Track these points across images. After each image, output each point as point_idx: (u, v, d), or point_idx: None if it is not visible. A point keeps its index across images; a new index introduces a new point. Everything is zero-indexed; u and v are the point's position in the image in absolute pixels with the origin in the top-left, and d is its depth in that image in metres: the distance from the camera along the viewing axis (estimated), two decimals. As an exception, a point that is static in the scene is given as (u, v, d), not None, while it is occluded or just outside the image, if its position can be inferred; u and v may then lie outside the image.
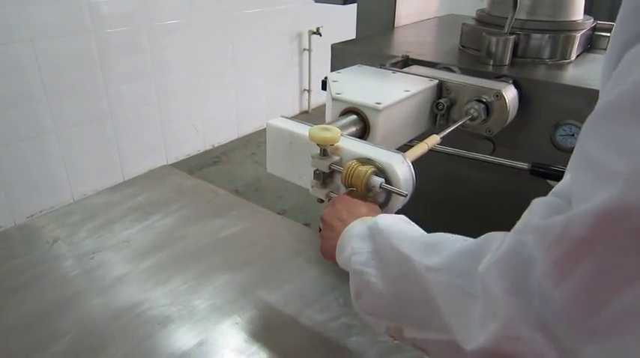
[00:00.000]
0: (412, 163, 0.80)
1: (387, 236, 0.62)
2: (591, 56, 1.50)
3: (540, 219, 0.43)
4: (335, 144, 0.81)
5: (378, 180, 0.76)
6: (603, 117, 0.41)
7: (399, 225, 0.64)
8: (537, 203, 0.47)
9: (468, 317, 0.47)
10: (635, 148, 0.36)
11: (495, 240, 0.49)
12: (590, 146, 0.41)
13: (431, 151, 0.95)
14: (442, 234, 0.59)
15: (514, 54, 1.38)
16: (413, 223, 0.68)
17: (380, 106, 0.97)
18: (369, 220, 0.68)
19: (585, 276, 0.37)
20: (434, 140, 0.95)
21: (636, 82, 0.37)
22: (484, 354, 0.44)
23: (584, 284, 0.37)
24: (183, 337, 0.95)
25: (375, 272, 0.61)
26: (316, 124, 0.84)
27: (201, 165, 3.85)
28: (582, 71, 1.36)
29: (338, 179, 0.82)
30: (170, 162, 3.75)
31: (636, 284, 0.34)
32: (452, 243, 0.55)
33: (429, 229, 0.64)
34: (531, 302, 0.40)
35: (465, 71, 1.34)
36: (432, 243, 0.57)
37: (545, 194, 0.54)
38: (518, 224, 0.46)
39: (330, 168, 0.81)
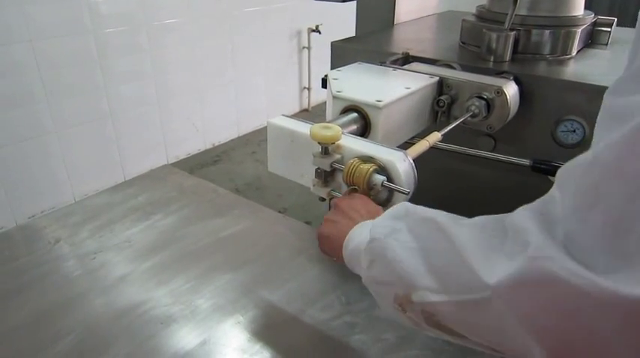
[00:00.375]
0: (414, 161, 0.80)
1: (418, 212, 0.64)
2: (592, 51, 1.49)
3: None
4: (336, 143, 0.81)
5: (380, 178, 0.75)
6: (634, 79, 0.43)
7: (426, 208, 0.65)
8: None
9: (495, 258, 0.48)
10: None
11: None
12: (616, 102, 0.43)
13: (432, 148, 0.95)
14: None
15: (515, 50, 1.38)
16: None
17: (380, 104, 0.97)
18: (394, 206, 0.68)
19: (614, 202, 0.38)
20: (435, 137, 0.95)
21: None
22: (511, 282, 0.44)
23: (614, 210, 0.39)
24: (186, 336, 0.95)
25: (397, 243, 0.61)
26: (317, 122, 0.83)
27: (202, 164, 3.85)
28: (583, 67, 1.35)
29: (339, 177, 0.82)
30: (170, 162, 3.75)
31: None
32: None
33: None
34: (560, 237, 0.43)
35: (465, 68, 1.34)
36: (459, 216, 0.60)
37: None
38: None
39: (331, 166, 0.81)
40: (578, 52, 1.44)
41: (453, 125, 1.11)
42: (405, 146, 0.88)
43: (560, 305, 0.42)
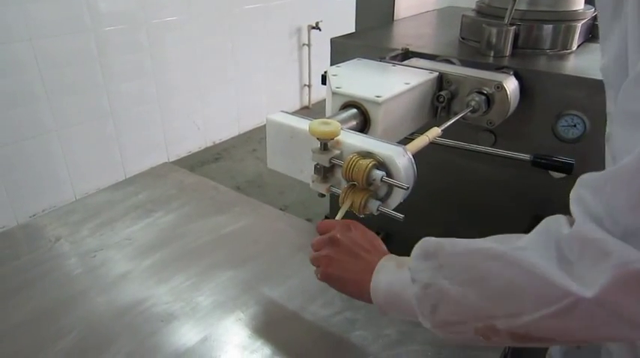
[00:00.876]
0: (413, 156, 0.80)
1: (450, 246, 0.64)
2: (593, 46, 1.49)
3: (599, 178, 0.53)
4: (335, 138, 0.80)
5: (379, 174, 0.75)
6: None
7: (455, 239, 0.65)
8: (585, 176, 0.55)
9: (576, 273, 0.52)
10: None
11: (558, 218, 0.58)
12: (635, 105, 0.48)
13: (432, 144, 0.94)
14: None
15: (515, 45, 1.37)
16: None
17: (380, 99, 0.97)
18: (418, 246, 0.69)
19: None
20: (435, 132, 0.95)
21: None
22: (610, 290, 0.49)
23: None
24: (187, 333, 0.95)
25: (449, 281, 0.62)
26: (316, 119, 0.83)
27: (203, 162, 3.85)
28: (584, 61, 1.35)
29: (339, 173, 0.82)
30: (171, 160, 3.75)
31: None
32: (515, 235, 0.60)
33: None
34: (619, 235, 0.48)
35: (465, 63, 1.34)
36: (495, 237, 0.62)
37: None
38: (576, 196, 0.55)
39: (330, 162, 0.81)
40: (578, 46, 1.43)
41: (453, 120, 1.10)
42: (404, 142, 0.87)
43: None
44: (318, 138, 0.80)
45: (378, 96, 0.97)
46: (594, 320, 0.51)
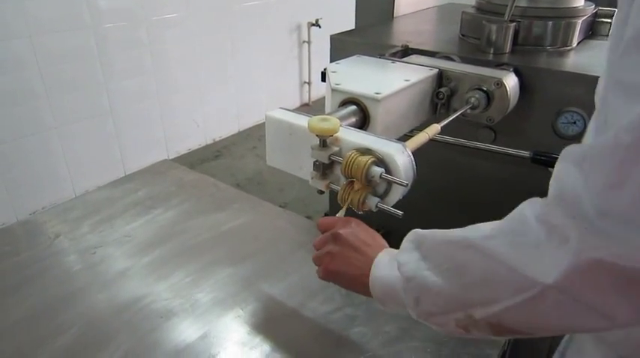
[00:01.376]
0: (412, 153, 0.80)
1: (431, 237, 0.65)
2: (593, 43, 1.48)
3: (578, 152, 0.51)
4: (334, 135, 0.80)
5: (378, 170, 0.75)
6: (636, 47, 0.46)
7: (436, 230, 0.66)
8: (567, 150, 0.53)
9: (539, 259, 0.51)
10: None
11: (533, 201, 0.55)
12: (625, 74, 0.46)
13: (431, 141, 0.94)
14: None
15: (514, 42, 1.37)
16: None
17: (379, 96, 0.97)
18: (406, 239, 0.70)
19: None
20: (434, 129, 0.95)
21: None
22: (569, 277, 0.48)
23: None
24: (187, 330, 0.95)
25: (430, 272, 0.62)
26: (316, 116, 0.83)
27: (202, 159, 3.85)
28: (584, 58, 1.34)
29: (338, 170, 0.82)
30: (171, 157, 3.75)
31: None
32: (489, 222, 0.59)
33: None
34: (594, 222, 0.46)
35: (465, 60, 1.33)
36: (472, 226, 0.60)
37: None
38: (555, 171, 0.53)
39: (329, 158, 0.81)
40: (578, 43, 1.43)
41: (453, 117, 1.10)
42: (404, 139, 0.87)
43: (618, 280, 0.46)
44: (317, 135, 0.79)
45: (377, 93, 0.97)
46: (561, 309, 0.51)
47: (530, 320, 0.55)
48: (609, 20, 1.53)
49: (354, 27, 1.85)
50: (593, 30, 1.56)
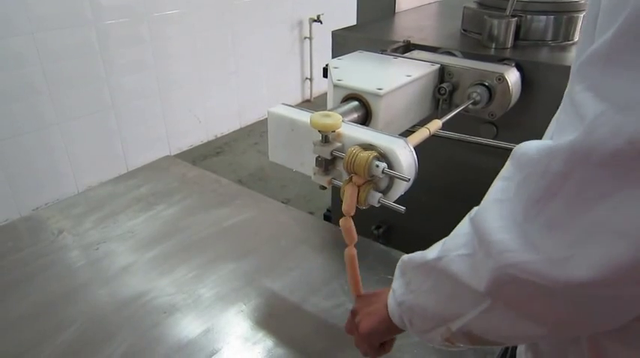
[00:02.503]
0: (414, 148, 0.80)
1: (410, 262, 0.67)
2: (594, 38, 1.48)
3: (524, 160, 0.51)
4: (336, 131, 0.80)
5: (381, 166, 0.75)
6: (588, 64, 0.45)
7: (417, 253, 0.68)
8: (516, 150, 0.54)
9: (477, 270, 0.52)
10: (606, 95, 0.42)
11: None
12: (575, 89, 0.46)
13: (433, 136, 0.94)
14: None
15: (516, 36, 1.37)
16: None
17: (381, 92, 0.97)
18: (397, 266, 0.72)
19: (564, 200, 0.44)
20: (436, 125, 0.95)
21: (614, 33, 0.42)
22: (495, 290, 0.50)
23: (564, 206, 0.44)
24: (189, 325, 0.96)
25: (413, 295, 0.66)
26: (317, 111, 0.83)
27: (204, 155, 3.85)
28: (585, 53, 1.34)
29: (340, 165, 0.82)
30: (173, 153, 3.75)
31: (603, 203, 0.41)
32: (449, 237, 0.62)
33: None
34: (520, 230, 0.47)
35: (466, 55, 1.33)
36: (439, 242, 0.63)
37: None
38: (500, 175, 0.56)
39: (331, 154, 0.81)
40: (580, 38, 1.43)
41: (454, 112, 1.10)
42: (406, 134, 0.87)
43: (532, 295, 0.48)
44: (319, 131, 0.79)
45: (379, 89, 0.97)
46: (504, 318, 0.53)
47: (491, 329, 0.57)
48: (611, 15, 1.53)
49: (355, 23, 1.85)
50: (595, 24, 1.55)
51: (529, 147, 0.50)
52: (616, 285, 0.42)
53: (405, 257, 0.70)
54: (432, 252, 0.62)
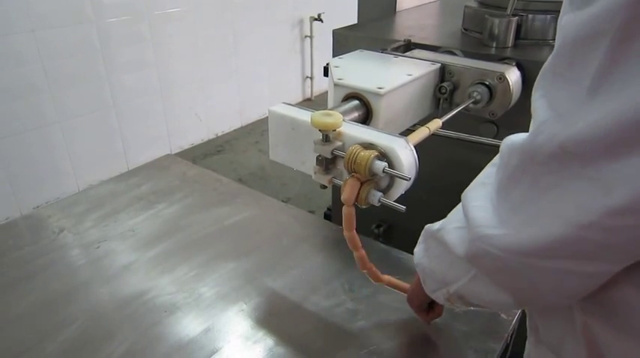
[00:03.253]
0: (415, 147, 0.80)
1: (429, 230, 0.75)
2: (595, 37, 1.48)
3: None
4: (337, 130, 0.80)
5: (381, 165, 0.75)
6: (543, 73, 0.52)
7: (437, 223, 0.75)
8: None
9: (463, 241, 0.61)
10: (552, 104, 0.48)
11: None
12: (535, 94, 0.52)
13: (434, 135, 0.94)
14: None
15: (517, 36, 1.37)
16: None
17: (382, 91, 0.97)
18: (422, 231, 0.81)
19: (522, 189, 0.52)
20: (436, 124, 0.95)
21: (558, 48, 0.48)
22: (471, 257, 0.60)
23: (522, 193, 0.52)
24: (190, 324, 0.96)
25: (426, 259, 0.76)
26: (318, 110, 0.83)
27: (205, 154, 3.85)
28: (586, 52, 1.34)
29: (341, 164, 0.82)
30: (174, 152, 3.75)
31: (548, 192, 0.49)
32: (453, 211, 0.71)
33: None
34: (494, 209, 0.56)
35: (467, 54, 1.33)
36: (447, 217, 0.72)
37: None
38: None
39: (332, 153, 0.81)
40: (581, 37, 1.42)
41: (454, 112, 1.10)
42: (407, 133, 0.87)
43: (500, 266, 0.56)
44: (320, 130, 0.80)
45: (380, 88, 0.97)
46: (484, 286, 0.63)
47: (476, 294, 0.67)
48: (613, 14, 1.53)
49: (356, 21, 1.85)
50: (596, 24, 1.55)
51: (507, 139, 0.57)
52: (551, 257, 0.50)
53: (429, 224, 0.78)
54: (438, 223, 0.71)
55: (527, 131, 0.52)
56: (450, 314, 0.96)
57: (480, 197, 0.59)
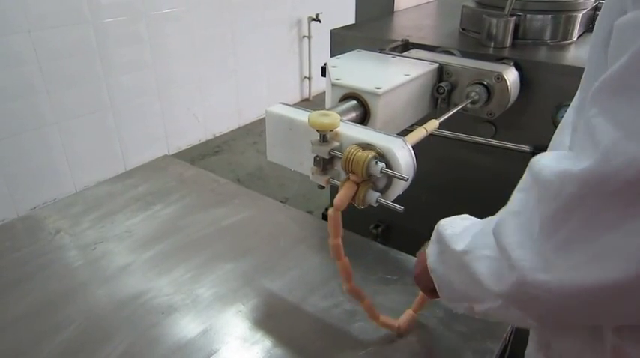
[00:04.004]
0: (412, 147, 0.80)
1: (443, 233, 0.71)
2: (593, 37, 1.48)
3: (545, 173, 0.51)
4: (334, 130, 0.80)
5: (379, 165, 0.75)
6: (601, 90, 0.45)
7: (454, 223, 0.72)
8: (537, 161, 0.54)
9: (497, 273, 0.56)
10: (620, 122, 0.42)
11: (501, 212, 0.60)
12: (590, 112, 0.45)
13: (433, 135, 0.94)
14: (473, 220, 0.72)
15: (515, 36, 1.37)
16: (470, 217, 0.75)
17: (380, 91, 0.97)
18: (435, 227, 0.76)
19: (577, 223, 0.45)
20: (433, 125, 0.95)
21: (630, 57, 0.41)
22: (510, 296, 0.54)
23: (577, 229, 0.45)
24: (188, 325, 0.96)
25: (444, 267, 0.71)
26: (316, 110, 0.83)
27: (203, 154, 3.85)
28: (584, 52, 1.34)
29: (338, 165, 0.82)
30: (171, 152, 3.74)
31: (614, 229, 0.42)
32: (474, 225, 0.67)
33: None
34: (535, 246, 0.49)
35: (465, 54, 1.33)
36: (465, 230, 0.67)
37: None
38: (520, 184, 0.58)
39: (330, 154, 0.80)
40: (579, 37, 1.42)
41: (452, 112, 1.10)
42: (405, 133, 0.87)
43: (540, 304, 0.52)
44: (317, 130, 0.79)
45: (377, 88, 0.97)
46: (515, 315, 0.58)
47: (504, 318, 0.65)
48: (610, 14, 1.53)
49: (354, 22, 1.85)
50: (593, 23, 1.55)
51: (545, 164, 0.51)
52: (613, 299, 0.46)
53: (442, 224, 0.74)
54: (459, 241, 0.66)
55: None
56: (449, 314, 0.96)
57: (515, 231, 0.53)
